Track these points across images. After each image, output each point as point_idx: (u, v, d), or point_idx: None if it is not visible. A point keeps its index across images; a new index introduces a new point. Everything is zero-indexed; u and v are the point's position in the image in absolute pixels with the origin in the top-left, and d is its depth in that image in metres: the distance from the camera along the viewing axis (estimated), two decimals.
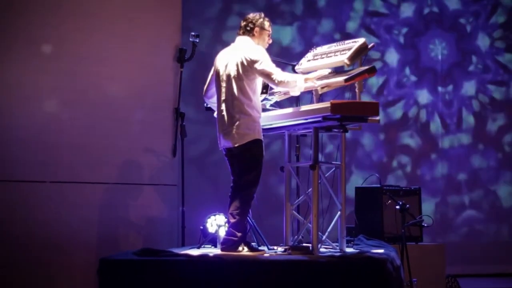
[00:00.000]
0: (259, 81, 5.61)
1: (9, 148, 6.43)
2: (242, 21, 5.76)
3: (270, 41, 5.83)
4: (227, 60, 5.64)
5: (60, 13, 6.67)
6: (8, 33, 6.51)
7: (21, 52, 6.53)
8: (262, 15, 5.77)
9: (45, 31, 6.61)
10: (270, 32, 5.80)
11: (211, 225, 6.42)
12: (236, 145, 5.53)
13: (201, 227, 6.45)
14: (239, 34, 5.74)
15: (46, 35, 6.61)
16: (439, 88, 8.83)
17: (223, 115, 5.59)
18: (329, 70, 5.67)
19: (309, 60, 5.96)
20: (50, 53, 6.62)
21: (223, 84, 5.61)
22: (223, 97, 5.60)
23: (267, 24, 5.76)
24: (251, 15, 5.75)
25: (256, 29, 5.70)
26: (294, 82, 5.48)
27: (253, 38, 5.70)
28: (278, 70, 5.52)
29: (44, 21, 6.61)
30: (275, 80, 5.47)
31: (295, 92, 5.60)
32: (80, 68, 6.72)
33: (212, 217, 6.45)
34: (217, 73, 5.70)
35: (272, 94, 5.84)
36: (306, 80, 5.58)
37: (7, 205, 6.38)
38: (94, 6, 6.81)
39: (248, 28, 5.70)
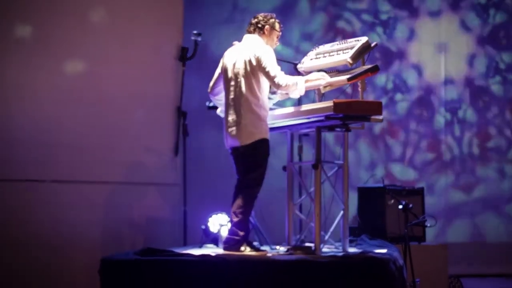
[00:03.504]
0: (266, 80, 5.59)
1: (9, 147, 6.40)
2: (252, 19, 5.74)
3: (278, 43, 5.82)
4: (235, 58, 5.62)
5: (60, 12, 6.65)
6: (7, 33, 6.49)
7: (20, 51, 6.50)
8: (274, 15, 5.78)
9: (44, 30, 6.58)
10: (280, 34, 5.80)
11: (213, 225, 6.41)
12: (242, 144, 5.51)
13: (203, 227, 6.44)
14: (249, 32, 5.72)
15: (46, 34, 6.59)
16: None
17: (231, 113, 5.57)
18: (323, 73, 5.64)
19: (311, 59, 5.94)
20: (50, 52, 6.59)
21: (232, 83, 5.59)
22: (231, 96, 5.58)
23: (277, 25, 5.76)
24: (262, 14, 5.74)
25: (267, 27, 5.70)
26: (295, 85, 5.47)
27: (263, 36, 5.69)
28: (281, 73, 5.50)
29: (44, 20, 6.59)
30: (276, 83, 5.47)
31: (295, 95, 5.59)
32: (81, 67, 6.71)
33: (214, 217, 6.44)
34: (225, 71, 5.69)
35: (274, 93, 5.82)
36: (306, 81, 5.56)
37: (7, 205, 6.36)
38: (94, 5, 6.80)
39: (260, 26, 5.69)
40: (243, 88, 5.52)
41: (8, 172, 6.39)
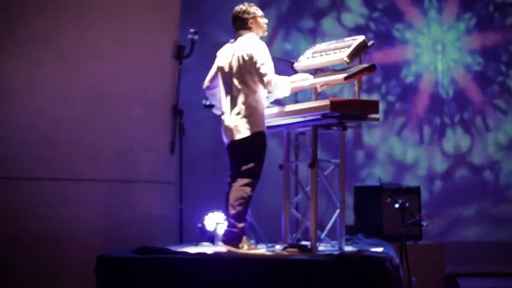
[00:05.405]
0: None
1: (6, 145, 6.40)
2: (231, 20, 5.72)
3: (266, 20, 5.78)
4: (230, 55, 5.63)
5: (57, 9, 6.65)
6: (5, 30, 6.47)
7: (18, 48, 6.50)
8: (246, 4, 5.73)
9: (42, 27, 6.58)
10: (263, 15, 5.76)
11: (209, 223, 6.41)
12: (238, 138, 5.51)
13: (199, 225, 6.44)
14: (237, 31, 5.71)
15: (43, 31, 6.58)
16: None
17: (228, 109, 5.58)
18: (307, 74, 5.67)
19: (308, 58, 5.94)
20: (47, 49, 6.58)
21: (228, 79, 5.60)
22: (228, 92, 5.60)
23: (254, 8, 5.71)
24: (236, 10, 5.70)
25: (250, 20, 5.68)
26: (282, 86, 5.48)
27: (251, 30, 5.68)
28: (272, 71, 5.49)
29: (41, 17, 6.58)
30: (265, 81, 5.47)
31: (279, 95, 5.58)
32: (78, 64, 6.70)
33: (210, 215, 6.44)
34: (221, 68, 5.69)
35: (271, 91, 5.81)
36: (292, 82, 5.58)
37: (4, 203, 6.35)
38: (91, 2, 6.79)
39: (243, 22, 5.67)
40: (238, 84, 5.53)
41: (5, 169, 6.38)
